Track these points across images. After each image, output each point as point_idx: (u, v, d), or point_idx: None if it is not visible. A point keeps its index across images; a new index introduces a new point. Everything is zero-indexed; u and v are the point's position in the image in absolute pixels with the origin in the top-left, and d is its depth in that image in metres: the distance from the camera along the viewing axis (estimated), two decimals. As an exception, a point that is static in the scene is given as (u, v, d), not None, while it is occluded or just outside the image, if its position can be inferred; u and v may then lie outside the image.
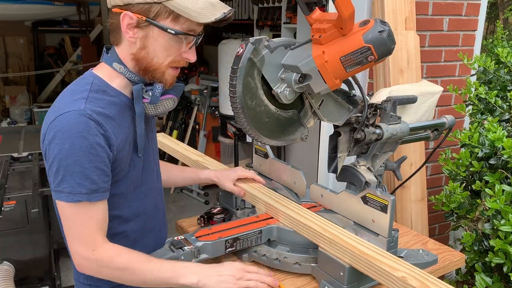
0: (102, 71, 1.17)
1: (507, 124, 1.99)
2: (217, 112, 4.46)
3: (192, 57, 1.15)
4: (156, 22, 1.08)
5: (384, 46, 1.02)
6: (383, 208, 1.20)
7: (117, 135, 1.12)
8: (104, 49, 1.20)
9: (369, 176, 1.29)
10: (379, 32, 1.01)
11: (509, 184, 1.63)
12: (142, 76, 1.16)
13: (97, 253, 1.09)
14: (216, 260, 1.35)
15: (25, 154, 3.00)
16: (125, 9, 1.09)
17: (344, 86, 1.23)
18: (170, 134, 4.98)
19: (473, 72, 2.22)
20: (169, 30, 1.08)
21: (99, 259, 1.09)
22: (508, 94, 2.00)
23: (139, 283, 1.12)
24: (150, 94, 1.15)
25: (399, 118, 1.34)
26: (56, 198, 1.08)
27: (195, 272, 1.12)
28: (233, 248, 1.29)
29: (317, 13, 1.09)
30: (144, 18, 1.08)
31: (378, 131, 1.28)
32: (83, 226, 1.08)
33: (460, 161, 1.90)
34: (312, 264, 1.26)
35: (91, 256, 1.09)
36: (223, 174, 1.55)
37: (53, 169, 1.06)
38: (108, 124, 1.09)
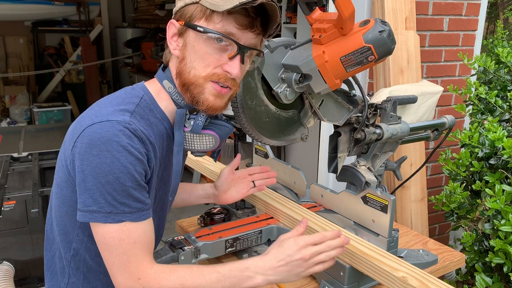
0: (153, 87, 1.06)
1: (507, 124, 1.99)
2: (217, 112, 4.45)
3: (232, 69, 0.97)
4: (190, 23, 0.97)
5: (384, 46, 1.02)
6: (383, 208, 1.20)
7: (152, 164, 1.00)
8: (161, 66, 1.09)
9: (369, 176, 1.29)
10: (379, 32, 1.01)
11: (509, 184, 1.63)
12: (183, 95, 1.03)
13: (143, 281, 0.95)
14: (216, 260, 1.35)
15: (25, 154, 3.00)
16: (173, 18, 1.01)
17: (344, 86, 1.23)
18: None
19: (473, 72, 2.22)
20: (198, 28, 0.94)
21: (146, 287, 0.95)
22: (508, 94, 2.00)
23: None
24: (192, 123, 1.02)
25: (399, 118, 1.34)
26: (89, 220, 0.94)
27: (258, 271, 0.99)
28: (233, 248, 1.29)
29: (317, 13, 1.09)
30: (183, 23, 0.98)
31: (378, 131, 1.28)
32: (127, 253, 0.94)
33: (460, 161, 1.90)
34: (312, 264, 1.26)
35: (137, 285, 0.95)
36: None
37: (88, 184, 0.92)
38: (147, 145, 0.98)
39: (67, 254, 1.09)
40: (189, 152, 1.18)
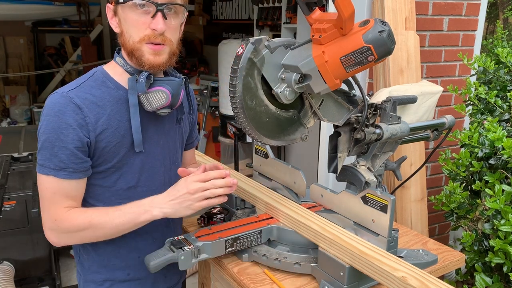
0: (109, 66, 1.26)
1: (507, 124, 1.99)
2: (217, 112, 4.47)
3: (156, 25, 1.14)
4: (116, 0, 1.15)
5: (384, 46, 1.02)
6: (383, 208, 1.20)
7: (102, 123, 1.16)
8: (117, 49, 1.26)
9: (369, 176, 1.29)
10: (379, 32, 1.01)
11: (509, 184, 1.63)
12: (131, 62, 1.20)
13: (59, 222, 1.15)
14: (216, 260, 1.35)
15: (25, 154, 3.00)
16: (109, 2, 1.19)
17: (344, 86, 1.23)
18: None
19: (473, 72, 2.22)
20: (120, 0, 1.13)
21: (60, 227, 1.15)
22: (508, 94, 2.00)
23: (104, 236, 1.18)
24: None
25: (399, 118, 1.34)
26: (36, 170, 1.16)
27: (154, 205, 1.15)
28: (233, 248, 1.29)
29: (317, 13, 1.09)
30: (113, 3, 1.16)
31: (378, 131, 1.28)
32: (50, 199, 1.15)
33: (460, 161, 1.90)
34: (312, 264, 1.26)
35: (54, 226, 1.15)
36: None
37: (38, 142, 1.15)
38: (92, 110, 1.15)
39: None
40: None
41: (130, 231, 1.19)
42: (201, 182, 1.15)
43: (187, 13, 1.24)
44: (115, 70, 1.23)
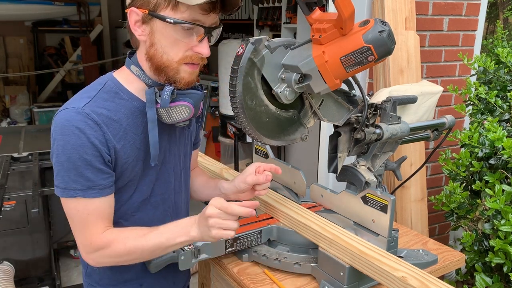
0: (121, 74, 1.16)
1: (507, 124, 1.99)
2: (217, 112, 4.47)
3: (203, 50, 1.08)
4: (156, 13, 1.03)
5: (384, 46, 1.02)
6: (383, 208, 1.20)
7: (119, 139, 1.10)
8: (128, 53, 1.18)
9: (369, 176, 1.29)
10: (379, 32, 1.01)
11: (509, 184, 1.63)
12: (157, 76, 1.12)
13: (94, 244, 1.09)
14: (216, 260, 1.35)
15: (25, 154, 3.00)
16: (132, 5, 1.07)
17: (344, 86, 1.23)
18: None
19: (473, 72, 2.22)
20: (167, 20, 1.02)
21: (97, 250, 1.09)
22: (508, 94, 2.00)
23: (141, 258, 1.13)
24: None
25: (399, 118, 1.34)
26: (57, 194, 1.08)
27: (192, 224, 1.10)
28: (233, 248, 1.29)
29: (317, 13, 1.09)
30: (146, 11, 1.04)
31: (378, 131, 1.28)
32: (83, 223, 1.09)
33: (460, 161, 1.90)
34: (312, 264, 1.26)
35: (90, 249, 1.10)
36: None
37: (54, 164, 1.07)
38: (109, 126, 1.08)
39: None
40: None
41: (166, 253, 1.15)
42: (218, 208, 1.06)
43: (220, 29, 1.15)
44: (128, 79, 1.14)
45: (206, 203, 1.15)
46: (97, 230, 1.09)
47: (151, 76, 1.13)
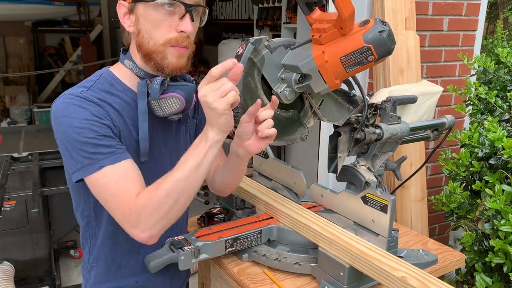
0: (116, 69, 1.18)
1: (507, 124, 1.99)
2: (217, 112, 4.45)
3: (185, 27, 1.07)
4: None
5: (384, 46, 1.02)
6: (383, 208, 1.20)
7: (117, 125, 1.10)
8: (122, 50, 1.20)
9: (369, 176, 1.29)
10: (379, 32, 1.01)
11: (509, 184, 1.63)
12: (147, 65, 1.12)
13: (134, 209, 1.03)
14: (216, 260, 1.35)
15: (25, 154, 3.00)
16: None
17: (344, 86, 1.23)
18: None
19: (473, 72, 2.22)
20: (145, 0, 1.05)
21: (140, 213, 1.03)
22: (508, 94, 2.00)
23: (186, 195, 1.05)
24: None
25: (399, 118, 1.34)
26: (80, 177, 1.04)
27: (204, 132, 1.04)
28: (233, 248, 1.29)
29: (317, 13, 1.09)
30: (130, 1, 1.08)
31: (378, 131, 1.28)
32: (114, 193, 1.04)
33: (460, 161, 1.90)
34: (312, 264, 1.26)
35: (133, 216, 1.04)
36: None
37: (65, 149, 1.04)
38: (109, 111, 1.08)
39: (83, 223, 1.22)
40: None
41: (206, 172, 1.06)
42: (204, 84, 0.99)
43: (206, 15, 1.17)
44: (123, 73, 1.17)
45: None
46: (130, 194, 1.04)
47: (142, 67, 1.14)
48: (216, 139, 1.04)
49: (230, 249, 1.28)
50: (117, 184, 1.04)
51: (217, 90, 0.97)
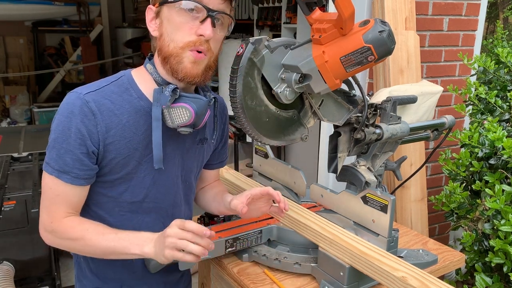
0: (137, 72, 1.18)
1: (507, 124, 1.99)
2: (217, 112, 4.45)
3: (205, 31, 1.06)
4: (162, 0, 1.08)
5: (384, 46, 1.02)
6: (383, 208, 1.20)
7: (114, 133, 1.09)
8: (149, 54, 1.20)
9: (369, 176, 1.29)
10: (379, 32, 1.01)
11: (509, 184, 1.63)
12: (164, 70, 1.12)
13: (54, 225, 1.12)
14: (216, 260, 1.35)
15: (25, 154, 3.00)
16: (149, 4, 1.13)
17: (344, 86, 1.23)
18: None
19: (473, 72, 2.22)
20: (169, 0, 1.06)
21: (55, 230, 1.12)
22: (508, 94, 2.00)
23: (93, 254, 1.14)
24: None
25: (399, 118, 1.34)
26: (44, 169, 1.12)
27: (151, 241, 1.06)
28: (233, 248, 1.29)
29: (317, 13, 1.09)
30: (157, 5, 1.10)
31: (378, 131, 1.28)
32: (51, 200, 1.11)
33: (460, 161, 1.90)
34: (312, 264, 1.26)
35: (49, 227, 1.13)
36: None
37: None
38: (106, 118, 1.08)
39: None
40: None
41: (118, 259, 1.14)
42: (178, 228, 1.02)
43: (232, 26, 1.17)
44: (143, 77, 1.16)
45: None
46: (60, 213, 1.11)
47: (161, 73, 1.14)
48: (148, 256, 1.08)
49: (230, 249, 1.28)
50: (55, 197, 1.11)
51: (179, 242, 1.00)
